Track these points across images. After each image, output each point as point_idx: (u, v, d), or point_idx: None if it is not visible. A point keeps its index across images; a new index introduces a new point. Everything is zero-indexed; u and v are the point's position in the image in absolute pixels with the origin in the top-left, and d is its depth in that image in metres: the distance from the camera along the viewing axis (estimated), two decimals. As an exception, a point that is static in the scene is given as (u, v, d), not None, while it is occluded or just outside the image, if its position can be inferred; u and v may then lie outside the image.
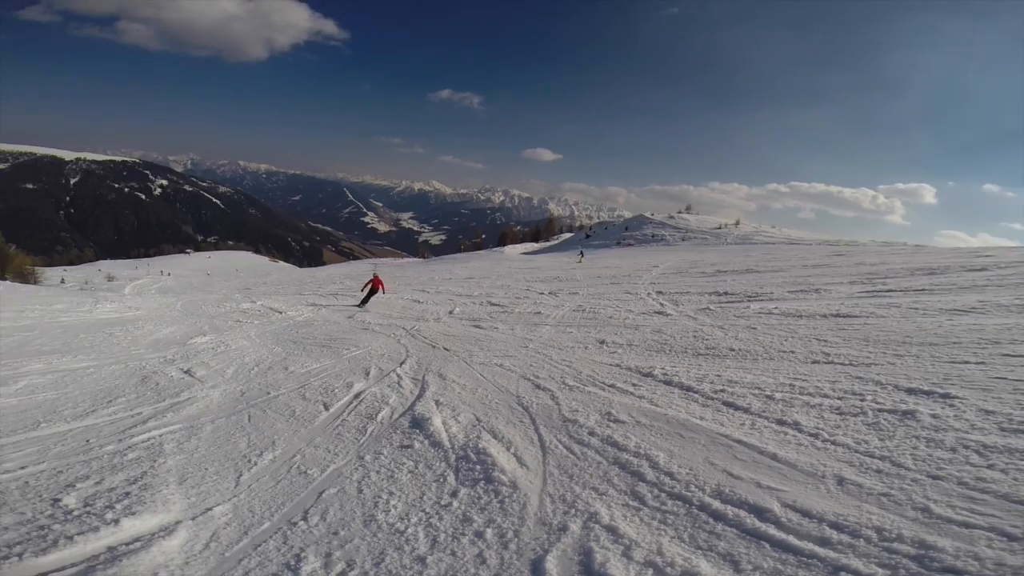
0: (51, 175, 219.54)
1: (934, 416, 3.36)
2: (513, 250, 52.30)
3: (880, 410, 3.57)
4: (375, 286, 14.26)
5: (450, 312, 11.31)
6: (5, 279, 28.25)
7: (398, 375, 5.83)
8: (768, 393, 4.15)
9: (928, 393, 3.78)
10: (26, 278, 33.70)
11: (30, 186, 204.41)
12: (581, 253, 34.49)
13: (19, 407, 4.69)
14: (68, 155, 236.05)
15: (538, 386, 5.01)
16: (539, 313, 10.05)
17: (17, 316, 10.80)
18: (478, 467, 3.26)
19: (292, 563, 2.34)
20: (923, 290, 8.26)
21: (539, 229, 77.18)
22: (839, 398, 3.89)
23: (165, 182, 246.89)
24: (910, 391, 3.88)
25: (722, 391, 4.33)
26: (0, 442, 3.79)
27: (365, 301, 14.06)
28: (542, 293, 13.53)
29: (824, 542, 2.22)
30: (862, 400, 3.79)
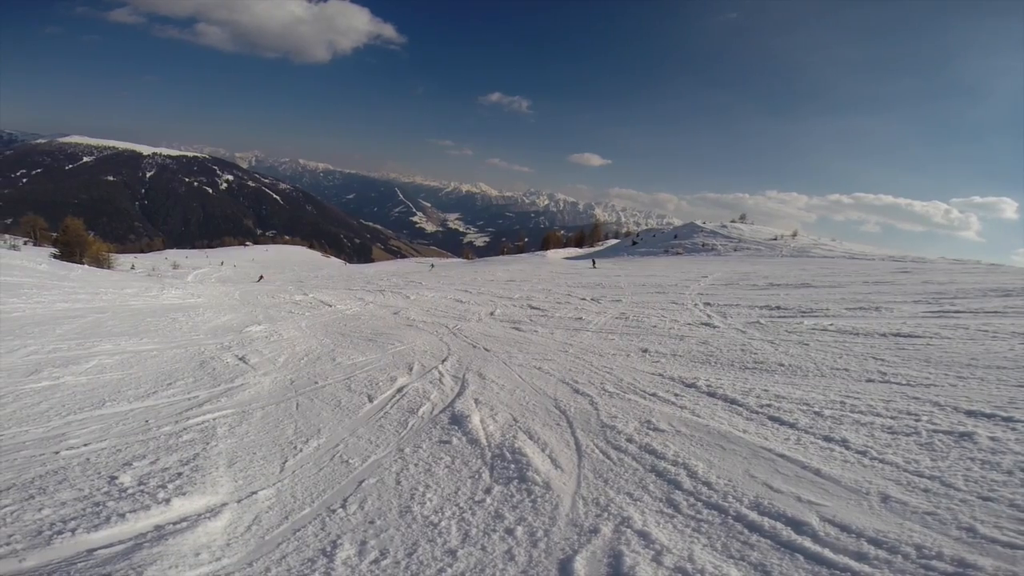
0: (130, 168, 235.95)
1: (993, 439, 3.18)
2: (555, 255, 51.77)
3: (935, 431, 3.39)
4: (262, 277, 29.44)
5: (491, 313, 11.40)
6: (83, 263, 30.37)
7: (439, 372, 5.93)
8: (817, 410, 3.99)
9: (990, 416, 3.56)
10: (101, 263, 36.12)
11: (111, 178, 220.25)
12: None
13: (88, 385, 5.04)
14: (146, 150, 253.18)
15: (577, 391, 4.99)
16: (580, 319, 9.97)
17: (93, 298, 11.62)
18: (513, 466, 3.29)
19: (328, 549, 2.40)
20: (995, 312, 7.72)
21: (583, 234, 75.87)
22: (892, 418, 3.70)
23: (231, 177, 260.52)
24: (970, 413, 3.66)
25: (768, 405, 4.20)
26: (68, 419, 4.06)
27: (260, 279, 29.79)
28: (583, 299, 13.41)
29: (860, 557, 2.15)
30: (917, 420, 3.60)
